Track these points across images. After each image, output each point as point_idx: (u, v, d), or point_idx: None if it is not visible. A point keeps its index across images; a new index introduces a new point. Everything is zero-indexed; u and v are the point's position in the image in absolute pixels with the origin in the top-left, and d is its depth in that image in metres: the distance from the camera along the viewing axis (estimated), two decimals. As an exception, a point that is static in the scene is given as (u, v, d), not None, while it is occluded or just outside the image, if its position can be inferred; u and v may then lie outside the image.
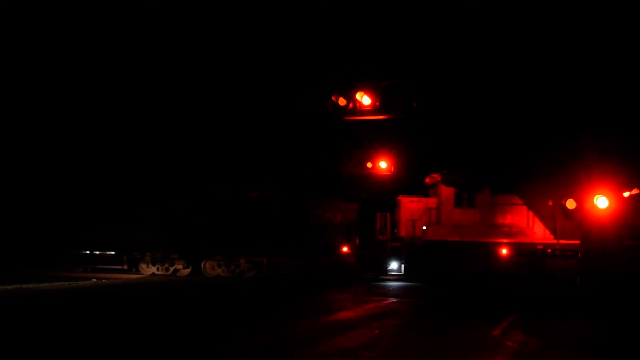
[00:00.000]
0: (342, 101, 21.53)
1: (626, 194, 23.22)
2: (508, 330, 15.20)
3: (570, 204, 21.44)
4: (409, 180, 32.23)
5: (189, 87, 29.02)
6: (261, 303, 20.54)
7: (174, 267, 30.14)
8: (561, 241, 29.17)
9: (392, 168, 31.11)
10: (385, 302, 21.10)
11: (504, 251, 29.49)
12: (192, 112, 29.73)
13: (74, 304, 18.77)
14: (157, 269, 30.12)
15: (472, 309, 20.24)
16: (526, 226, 29.94)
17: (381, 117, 22.30)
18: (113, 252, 30.02)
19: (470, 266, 29.15)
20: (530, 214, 29.97)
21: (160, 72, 28.54)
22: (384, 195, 31.55)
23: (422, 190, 32.34)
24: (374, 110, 21.71)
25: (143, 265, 30.15)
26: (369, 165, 31.13)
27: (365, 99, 21.53)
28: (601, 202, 20.72)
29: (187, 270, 30.20)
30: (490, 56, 24.08)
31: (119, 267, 30.11)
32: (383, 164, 31.19)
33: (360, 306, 19.62)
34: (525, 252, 29.32)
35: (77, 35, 27.58)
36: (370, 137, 29.98)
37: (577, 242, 25.04)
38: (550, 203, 29.00)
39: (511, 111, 26.26)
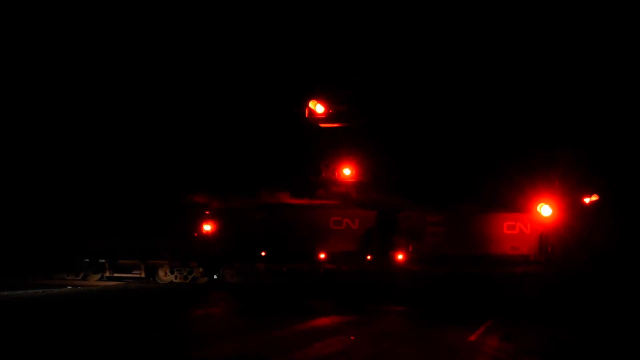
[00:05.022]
0: (319, 108, 21.76)
1: (587, 200, 23.09)
2: (484, 336, 15.35)
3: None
4: None
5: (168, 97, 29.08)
6: (254, 307, 20.92)
7: (192, 275, 30.68)
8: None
9: (357, 175, 30.87)
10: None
11: None
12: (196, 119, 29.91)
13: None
14: (176, 277, 30.59)
15: (450, 315, 20.45)
16: None
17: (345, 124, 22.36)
18: (131, 260, 30.60)
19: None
20: None
21: (153, 72, 28.72)
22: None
23: None
24: (345, 117, 21.87)
25: (161, 273, 30.69)
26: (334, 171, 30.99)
27: (337, 106, 21.76)
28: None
29: (206, 279, 30.72)
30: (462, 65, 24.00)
31: (137, 275, 30.71)
32: (347, 171, 31.09)
33: (342, 313, 19.83)
34: None
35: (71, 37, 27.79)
36: (333, 143, 29.75)
37: None
38: None
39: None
